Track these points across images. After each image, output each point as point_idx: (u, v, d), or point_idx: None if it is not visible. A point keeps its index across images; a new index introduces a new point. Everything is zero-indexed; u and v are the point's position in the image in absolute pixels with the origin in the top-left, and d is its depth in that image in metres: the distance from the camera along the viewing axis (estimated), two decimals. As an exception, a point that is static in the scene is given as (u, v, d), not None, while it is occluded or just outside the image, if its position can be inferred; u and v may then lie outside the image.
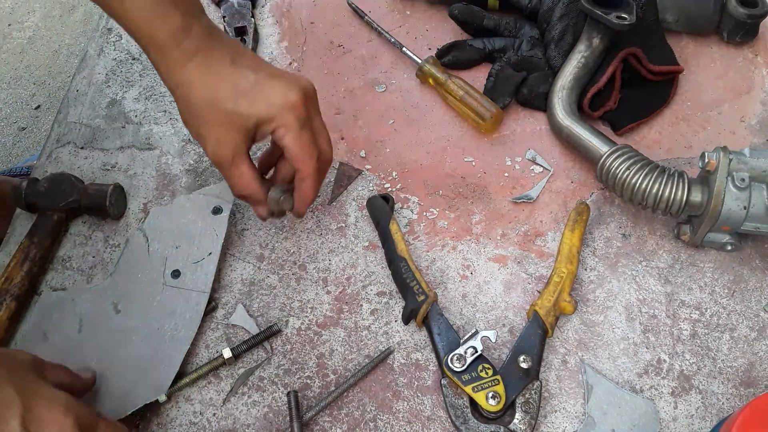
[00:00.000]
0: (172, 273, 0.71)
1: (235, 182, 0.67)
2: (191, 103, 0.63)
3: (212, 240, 0.73)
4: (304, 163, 0.65)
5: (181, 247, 0.73)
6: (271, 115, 0.63)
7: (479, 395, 0.62)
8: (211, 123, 0.63)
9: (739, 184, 0.68)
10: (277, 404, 0.66)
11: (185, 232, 0.73)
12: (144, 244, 0.73)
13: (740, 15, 0.87)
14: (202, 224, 0.74)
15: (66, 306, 0.71)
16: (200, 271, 0.71)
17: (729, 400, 0.66)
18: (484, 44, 0.88)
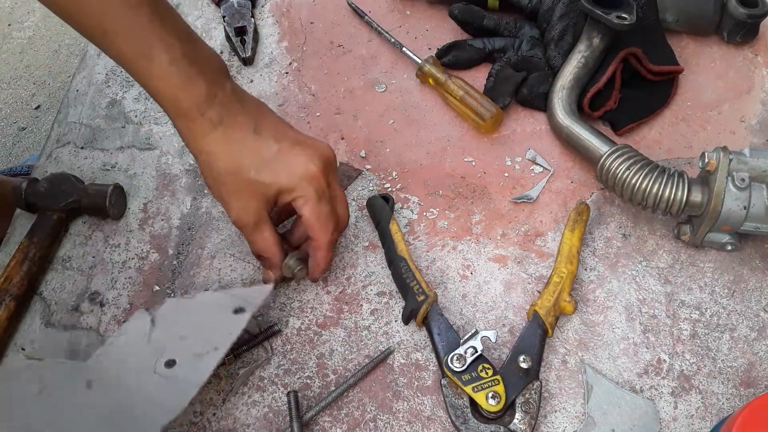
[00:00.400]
0: (166, 362, 0.63)
1: (257, 245, 0.68)
2: (214, 170, 0.64)
3: (223, 337, 0.65)
4: (321, 234, 0.67)
5: (187, 339, 0.65)
6: (292, 186, 0.65)
7: (479, 395, 0.62)
8: (234, 191, 0.65)
9: (739, 184, 0.68)
10: (277, 404, 0.66)
11: (197, 326, 0.67)
12: (147, 330, 0.66)
13: (740, 15, 0.87)
14: (218, 321, 0.67)
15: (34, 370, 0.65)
16: (199, 363, 0.63)
17: (729, 400, 0.66)
18: (484, 44, 0.88)
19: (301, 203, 0.65)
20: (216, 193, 0.66)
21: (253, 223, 0.66)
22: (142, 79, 0.62)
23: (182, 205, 0.80)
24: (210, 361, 0.63)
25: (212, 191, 0.67)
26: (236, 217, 0.66)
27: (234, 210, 0.66)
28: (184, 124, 0.63)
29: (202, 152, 0.64)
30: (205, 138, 0.63)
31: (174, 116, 0.63)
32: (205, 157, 0.64)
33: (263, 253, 0.68)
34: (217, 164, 0.64)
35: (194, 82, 0.61)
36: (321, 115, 0.87)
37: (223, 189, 0.65)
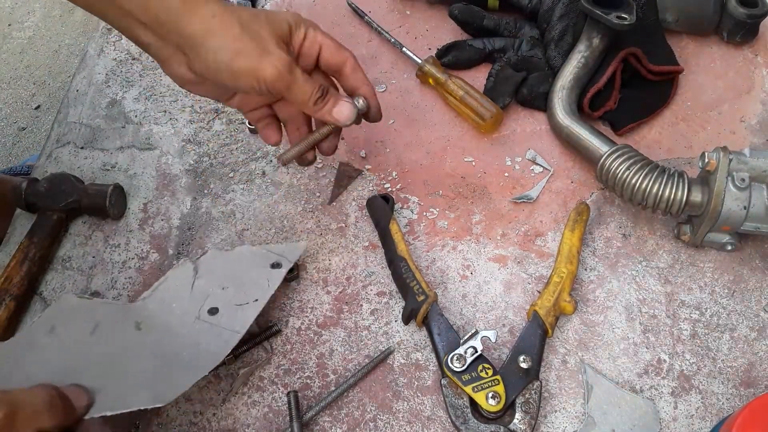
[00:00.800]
0: (209, 310, 0.67)
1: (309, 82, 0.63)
2: (234, 25, 0.60)
3: (263, 289, 0.68)
4: (347, 51, 0.66)
5: (228, 288, 0.69)
6: (299, 21, 0.65)
7: (479, 395, 0.62)
8: (264, 34, 0.61)
9: (739, 184, 0.68)
10: (277, 404, 0.66)
11: (237, 278, 0.70)
12: (190, 278, 0.70)
13: (740, 15, 0.87)
14: (256, 274, 0.69)
15: (86, 310, 0.68)
16: (241, 313, 0.66)
17: (729, 400, 0.66)
18: (484, 44, 0.88)
19: (313, 33, 0.65)
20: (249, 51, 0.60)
21: (293, 66, 0.62)
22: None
23: (182, 205, 0.80)
24: (251, 312, 0.66)
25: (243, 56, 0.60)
26: (277, 71, 0.60)
27: (276, 51, 0.61)
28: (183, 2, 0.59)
29: (215, 14, 0.59)
30: (206, 3, 0.59)
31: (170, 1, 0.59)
32: (221, 17, 0.59)
33: (319, 85, 0.64)
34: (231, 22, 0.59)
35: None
36: (321, 115, 0.87)
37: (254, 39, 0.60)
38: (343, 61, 0.67)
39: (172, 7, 0.59)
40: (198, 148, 0.84)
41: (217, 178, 0.82)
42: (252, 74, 0.60)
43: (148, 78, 0.91)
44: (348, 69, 0.67)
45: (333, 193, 0.80)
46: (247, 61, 0.60)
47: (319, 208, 0.79)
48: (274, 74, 0.60)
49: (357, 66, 0.67)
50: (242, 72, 0.60)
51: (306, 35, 0.65)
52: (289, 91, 0.62)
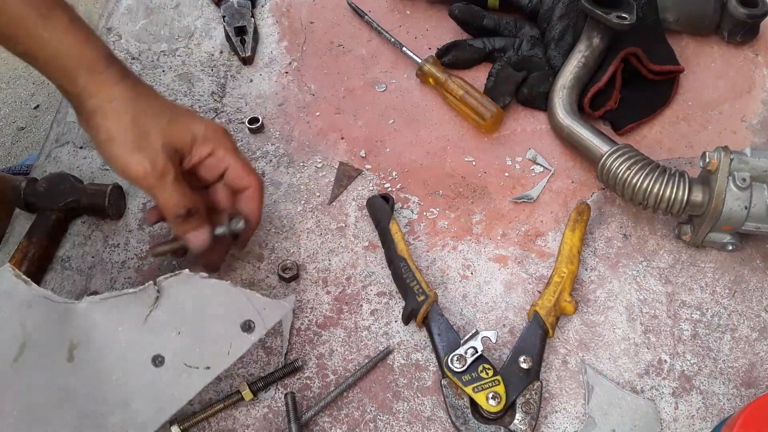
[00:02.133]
0: (154, 357, 0.57)
1: (177, 197, 0.61)
2: (126, 115, 0.60)
3: (220, 356, 0.59)
4: (253, 178, 0.65)
5: (183, 336, 0.58)
6: (208, 137, 0.63)
7: (479, 396, 0.62)
8: (141, 141, 0.60)
9: (740, 183, 0.68)
10: (277, 405, 0.66)
11: (198, 325, 0.59)
12: (148, 306, 0.59)
13: (740, 15, 0.87)
14: (221, 331, 0.60)
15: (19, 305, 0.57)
16: (186, 378, 0.57)
17: (730, 401, 0.66)
18: (484, 44, 0.88)
19: (222, 153, 0.64)
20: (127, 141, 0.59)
21: (173, 170, 0.60)
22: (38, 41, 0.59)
23: (182, 205, 0.80)
24: (197, 381, 0.58)
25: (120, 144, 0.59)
26: (144, 169, 0.59)
27: (153, 152, 0.59)
28: (89, 77, 0.59)
29: (112, 99, 0.59)
30: (113, 87, 0.60)
31: (76, 72, 0.59)
32: (119, 103, 0.60)
33: (188, 203, 0.61)
34: (129, 108, 0.60)
35: (96, 39, 0.61)
36: (321, 115, 0.87)
37: (137, 133, 0.59)
38: (246, 187, 0.66)
39: (78, 83, 0.60)
40: (197, 148, 0.84)
41: (216, 178, 0.81)
42: (121, 165, 0.60)
43: (147, 78, 0.91)
44: (247, 195, 0.66)
45: (333, 193, 0.80)
46: (119, 152, 0.60)
47: (319, 208, 0.79)
48: (139, 173, 0.60)
49: (257, 196, 0.66)
50: (113, 159, 0.60)
51: (212, 153, 0.64)
52: (153, 195, 0.61)
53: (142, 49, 0.93)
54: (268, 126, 0.86)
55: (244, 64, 0.92)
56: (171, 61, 0.92)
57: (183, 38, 0.95)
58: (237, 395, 0.65)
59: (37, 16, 0.58)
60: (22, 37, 0.59)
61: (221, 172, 0.65)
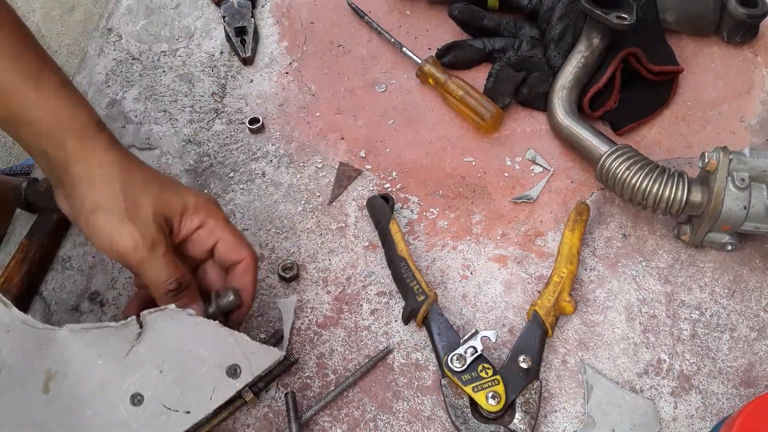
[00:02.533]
0: (133, 395, 0.55)
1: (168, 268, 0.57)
2: (116, 182, 0.56)
3: (201, 402, 0.56)
4: (246, 250, 0.61)
5: (165, 375, 0.55)
6: (199, 207, 0.60)
7: (479, 395, 0.62)
8: (141, 201, 0.57)
9: (739, 184, 0.68)
10: (277, 404, 0.66)
11: (181, 364, 0.56)
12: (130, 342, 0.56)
13: (740, 15, 0.87)
14: (205, 373, 0.57)
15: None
16: (164, 420, 0.54)
17: (729, 400, 0.66)
18: (484, 44, 0.88)
19: (213, 224, 0.60)
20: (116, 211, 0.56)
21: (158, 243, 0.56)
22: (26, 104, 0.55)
23: (182, 205, 0.80)
24: (176, 425, 0.55)
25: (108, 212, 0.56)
26: (134, 242, 0.55)
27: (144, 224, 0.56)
28: (78, 141, 0.56)
29: (103, 165, 0.56)
30: (103, 153, 0.57)
31: (64, 136, 0.56)
32: (108, 169, 0.56)
33: (180, 276, 0.58)
34: (115, 178, 0.56)
35: (86, 103, 0.59)
36: (321, 115, 0.87)
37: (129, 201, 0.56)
38: (238, 260, 0.61)
39: (66, 147, 0.56)
40: (198, 148, 0.84)
41: (217, 178, 0.82)
42: (106, 239, 0.56)
43: (148, 78, 0.91)
44: (240, 269, 0.61)
45: (333, 193, 0.80)
46: (106, 222, 0.55)
47: (319, 208, 0.79)
48: (128, 246, 0.55)
49: (250, 270, 0.61)
50: (98, 230, 0.56)
51: (203, 224, 0.60)
52: (142, 270, 0.57)
53: (143, 50, 0.94)
54: (268, 126, 0.86)
55: (245, 65, 0.92)
56: (171, 62, 0.92)
57: (183, 38, 0.95)
58: (240, 400, 0.64)
59: (25, 77, 0.56)
60: (8, 99, 0.55)
61: (211, 246, 0.61)
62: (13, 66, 0.56)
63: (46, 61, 0.58)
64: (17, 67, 0.56)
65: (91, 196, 0.56)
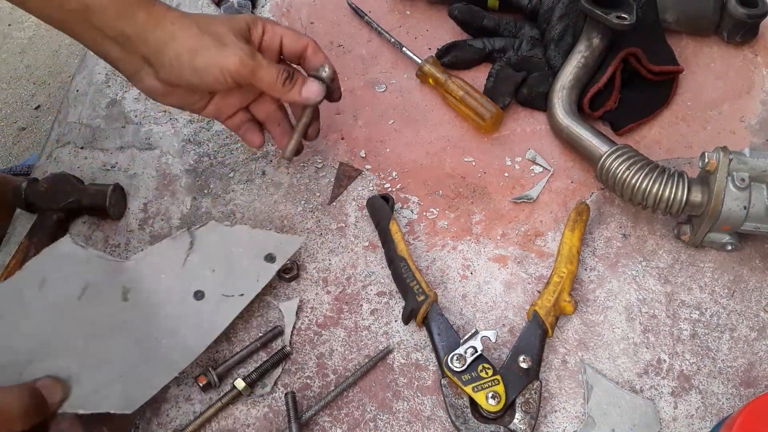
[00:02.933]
0: (196, 293, 0.66)
1: (273, 65, 0.66)
2: (192, 27, 0.63)
3: (251, 284, 0.67)
4: (308, 38, 0.70)
5: (218, 273, 0.68)
6: (255, 20, 0.68)
7: (479, 395, 0.62)
8: (222, 31, 0.64)
9: (739, 184, 0.68)
10: (277, 404, 0.66)
11: (229, 261, 0.68)
12: (185, 252, 0.69)
13: (740, 15, 0.87)
14: (248, 263, 0.68)
15: (78, 262, 0.67)
16: (224, 306, 0.66)
17: (729, 400, 0.66)
18: (484, 44, 0.88)
19: (271, 27, 0.69)
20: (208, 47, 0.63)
21: (254, 52, 0.65)
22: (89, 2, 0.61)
23: (182, 205, 0.80)
24: (235, 306, 0.66)
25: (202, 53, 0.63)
26: (239, 58, 0.63)
27: (235, 45, 0.64)
28: (146, 11, 0.62)
29: (174, 21, 0.63)
30: (168, 12, 0.63)
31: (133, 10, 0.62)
32: (180, 23, 0.63)
33: (285, 68, 0.67)
34: (190, 25, 0.63)
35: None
36: (321, 116, 0.87)
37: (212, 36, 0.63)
38: (305, 46, 0.70)
39: (138, 21, 0.62)
40: (198, 148, 0.84)
41: (217, 178, 0.82)
42: (215, 67, 0.63)
43: (148, 78, 0.91)
44: (310, 52, 0.70)
45: (333, 193, 0.80)
46: (208, 55, 0.63)
47: (319, 208, 0.79)
48: (236, 63, 0.63)
49: (318, 48, 0.71)
50: (205, 68, 0.63)
51: (265, 30, 0.68)
52: (254, 77, 0.65)
53: (143, 50, 0.94)
54: (268, 126, 0.86)
55: (245, 65, 0.92)
56: (171, 62, 0.92)
57: (183, 38, 0.95)
58: (233, 390, 0.65)
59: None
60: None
61: (278, 47, 0.69)
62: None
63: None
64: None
65: (183, 47, 0.62)
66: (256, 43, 0.68)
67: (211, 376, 0.66)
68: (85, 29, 0.63)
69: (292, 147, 0.72)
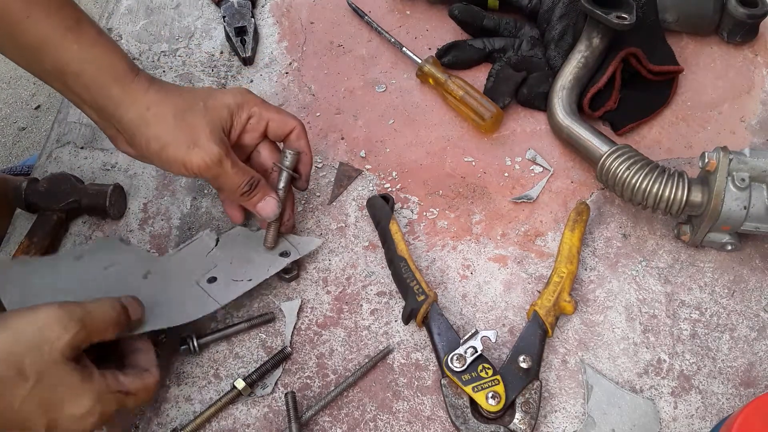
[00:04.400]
0: (210, 278, 0.70)
1: (241, 171, 0.65)
2: (168, 116, 0.63)
3: (260, 271, 0.70)
4: (293, 120, 0.69)
5: (234, 263, 0.72)
6: (240, 101, 0.67)
7: (479, 395, 0.62)
8: (196, 123, 0.63)
9: (739, 184, 0.68)
10: (277, 404, 0.66)
11: (247, 255, 0.72)
12: (210, 247, 0.73)
13: (740, 15, 0.87)
14: (263, 257, 0.72)
15: (118, 250, 0.73)
16: (232, 287, 0.69)
17: (729, 400, 0.66)
18: (484, 44, 0.88)
19: (258, 110, 0.67)
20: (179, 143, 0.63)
21: (223, 156, 0.63)
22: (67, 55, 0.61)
23: (182, 205, 0.80)
24: (239, 288, 0.69)
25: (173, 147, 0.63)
26: (204, 162, 0.63)
27: (206, 143, 0.63)
28: (122, 88, 0.62)
29: (150, 106, 0.62)
30: (145, 93, 0.63)
31: (108, 84, 0.62)
32: (156, 109, 0.62)
33: (248, 177, 0.66)
34: (166, 109, 0.63)
35: (120, 49, 0.64)
36: (321, 115, 0.87)
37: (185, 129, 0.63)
38: (290, 130, 0.70)
39: (113, 96, 0.62)
40: (198, 148, 0.84)
41: (217, 178, 0.81)
42: (181, 164, 0.63)
43: (148, 78, 0.91)
44: (293, 137, 0.70)
45: (333, 193, 0.80)
46: (176, 152, 0.63)
47: (319, 208, 0.79)
48: (201, 166, 0.63)
49: (302, 134, 0.70)
50: (173, 162, 0.64)
51: (250, 116, 0.68)
52: (216, 182, 0.66)
53: (143, 50, 0.94)
54: (268, 126, 0.86)
55: (245, 65, 0.92)
56: (171, 62, 0.92)
57: (183, 38, 0.95)
58: (234, 390, 0.65)
59: (65, 30, 0.60)
60: (51, 52, 0.60)
61: (263, 129, 0.69)
62: (55, 21, 0.60)
63: (81, 13, 0.63)
64: (59, 22, 0.60)
65: (154, 137, 0.63)
66: (238, 130, 0.68)
67: (191, 342, 0.68)
68: (63, 90, 0.64)
69: (271, 237, 0.72)
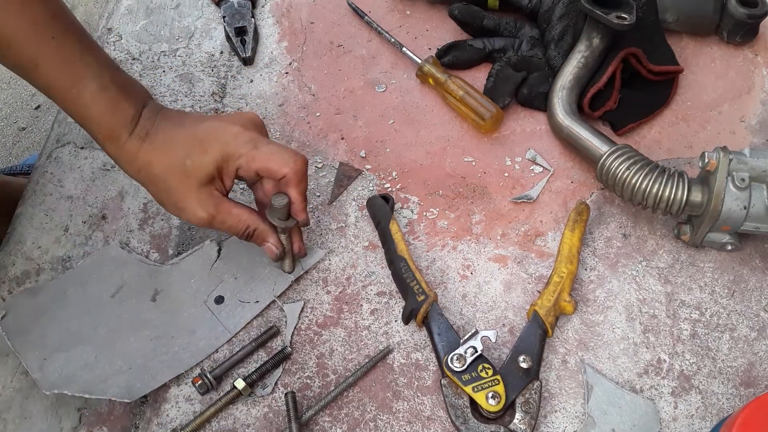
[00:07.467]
0: (216, 298, 0.71)
1: (234, 224, 0.66)
2: (157, 179, 0.65)
3: (266, 293, 0.72)
4: (286, 167, 0.65)
5: (239, 279, 0.72)
6: (227, 153, 0.65)
7: (479, 395, 0.62)
8: (182, 189, 0.64)
9: (739, 184, 0.68)
10: (277, 404, 0.66)
11: (250, 270, 0.73)
12: (213, 258, 0.74)
13: (740, 15, 0.87)
14: (267, 273, 0.73)
15: (120, 264, 0.73)
16: (240, 311, 0.70)
17: (729, 400, 0.66)
18: (484, 44, 0.88)
19: (245, 161, 0.64)
20: (169, 203, 0.66)
21: (215, 207, 0.65)
22: (70, 107, 0.63)
23: (182, 205, 0.80)
24: (248, 313, 0.71)
25: (166, 205, 0.66)
26: (201, 218, 0.65)
27: (191, 206, 0.64)
28: (115, 147, 0.64)
29: (140, 168, 0.64)
30: (137, 153, 0.64)
31: (104, 141, 0.64)
32: (144, 171, 0.64)
33: (248, 225, 0.67)
34: (155, 172, 0.64)
35: (122, 105, 0.63)
36: (321, 115, 0.87)
37: (172, 192, 0.65)
38: (281, 176, 0.66)
39: (110, 152, 0.65)
40: (198, 148, 0.84)
41: (217, 178, 0.81)
42: (184, 217, 0.66)
43: (148, 78, 0.91)
44: (282, 184, 0.67)
45: (333, 193, 0.80)
46: (174, 210, 0.66)
47: (319, 208, 0.79)
48: (199, 221, 0.65)
49: (291, 182, 0.66)
50: (174, 213, 0.67)
51: (239, 166, 0.65)
52: (215, 227, 0.67)
53: (143, 50, 0.94)
54: (268, 126, 0.86)
55: (245, 65, 0.92)
56: (171, 62, 0.92)
57: (183, 38, 0.95)
58: (233, 390, 0.65)
59: (70, 83, 0.62)
60: (58, 99, 0.63)
61: (256, 174, 0.66)
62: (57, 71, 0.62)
63: (86, 68, 0.63)
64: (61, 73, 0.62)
65: (154, 194, 0.66)
66: (227, 184, 0.67)
67: (206, 379, 0.66)
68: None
69: (288, 266, 0.72)
